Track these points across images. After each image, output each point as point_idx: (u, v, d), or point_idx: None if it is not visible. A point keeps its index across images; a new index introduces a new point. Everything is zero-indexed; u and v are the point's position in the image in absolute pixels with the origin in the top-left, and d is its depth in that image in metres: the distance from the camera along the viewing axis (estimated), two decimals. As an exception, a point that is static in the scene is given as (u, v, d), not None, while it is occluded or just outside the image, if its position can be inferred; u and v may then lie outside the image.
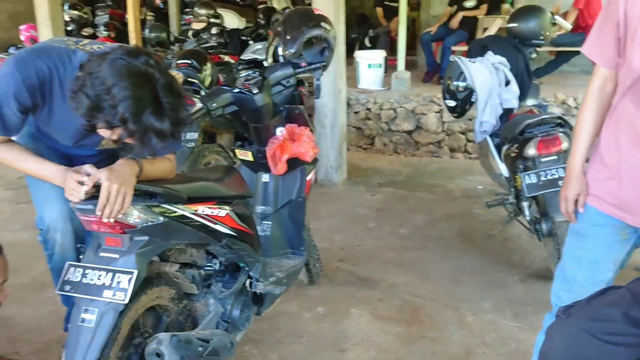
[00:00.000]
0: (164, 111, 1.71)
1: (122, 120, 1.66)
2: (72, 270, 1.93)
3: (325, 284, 3.44)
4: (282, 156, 2.80)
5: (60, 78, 1.89)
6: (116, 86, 1.64)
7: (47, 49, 1.93)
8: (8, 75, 1.85)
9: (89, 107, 1.66)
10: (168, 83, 1.72)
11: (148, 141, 1.73)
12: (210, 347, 2.14)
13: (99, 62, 1.68)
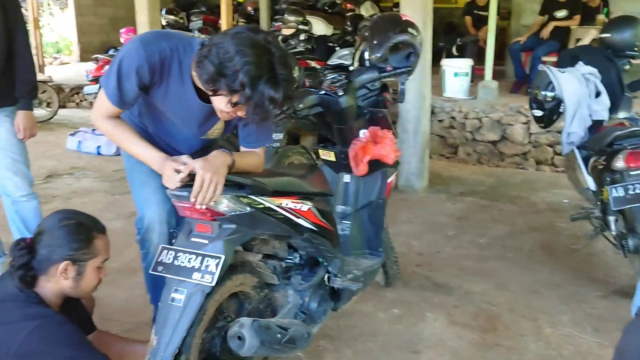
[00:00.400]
0: (279, 81, 1.84)
1: (241, 84, 1.80)
2: (165, 253, 2.08)
3: (401, 287, 3.47)
4: (364, 157, 2.86)
5: (179, 59, 2.03)
6: (239, 53, 1.79)
7: (170, 33, 2.09)
8: (133, 52, 2.00)
9: (213, 73, 1.82)
10: (283, 57, 1.86)
11: (262, 107, 1.85)
12: (288, 336, 2.22)
13: (222, 35, 1.85)
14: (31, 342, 1.78)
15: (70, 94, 10.11)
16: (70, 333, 1.88)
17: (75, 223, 2.01)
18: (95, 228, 2.07)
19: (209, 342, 2.22)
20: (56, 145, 7.12)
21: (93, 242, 2.02)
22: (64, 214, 2.07)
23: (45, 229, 2.01)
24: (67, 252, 1.96)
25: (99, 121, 2.14)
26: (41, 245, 1.97)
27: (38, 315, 1.86)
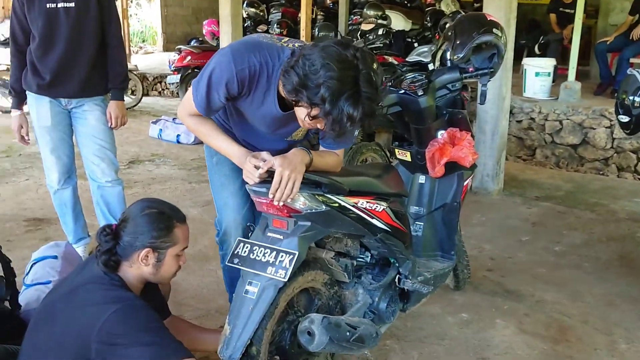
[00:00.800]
0: (360, 99, 1.84)
1: (322, 99, 1.81)
2: (241, 245, 2.14)
3: (470, 291, 3.42)
4: (441, 159, 2.84)
5: (268, 73, 2.06)
6: (324, 67, 1.80)
7: (260, 44, 2.09)
8: (224, 65, 2.04)
9: (297, 83, 1.84)
10: (369, 75, 1.85)
11: (339, 123, 1.86)
12: (357, 334, 2.24)
13: (312, 47, 1.87)
14: (111, 325, 1.85)
15: (153, 83, 10.48)
16: (149, 318, 1.93)
17: (157, 212, 2.08)
18: (176, 217, 2.13)
19: (280, 335, 2.27)
20: (139, 132, 7.41)
21: (173, 231, 2.08)
22: (147, 203, 2.13)
23: (129, 216, 2.09)
24: (148, 240, 2.03)
25: (185, 117, 2.22)
26: (125, 232, 2.05)
27: (120, 299, 1.93)
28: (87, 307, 1.90)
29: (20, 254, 3.66)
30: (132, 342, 1.84)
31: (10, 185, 5.23)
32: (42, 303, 2.12)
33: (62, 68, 3.25)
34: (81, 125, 3.41)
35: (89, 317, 1.87)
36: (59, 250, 3.05)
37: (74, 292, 1.98)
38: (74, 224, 3.66)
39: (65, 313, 1.93)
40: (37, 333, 1.99)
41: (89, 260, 2.19)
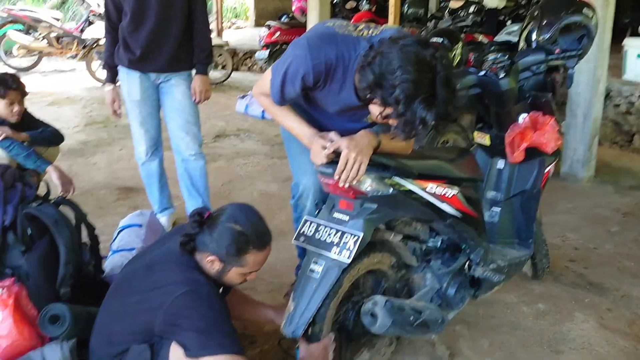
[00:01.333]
0: (434, 102, 1.82)
1: (396, 100, 1.80)
2: (307, 225, 2.16)
3: (549, 282, 3.30)
4: (521, 144, 2.73)
5: (344, 65, 2.04)
6: (401, 68, 1.78)
7: (335, 37, 2.06)
8: (300, 58, 2.04)
9: (371, 82, 1.84)
10: (447, 77, 1.83)
11: (411, 126, 1.85)
12: (421, 319, 2.22)
13: (390, 45, 1.83)
14: (177, 306, 1.87)
15: (243, 58, 10.69)
16: (212, 307, 1.92)
17: (239, 231, 1.99)
18: (255, 243, 2.03)
19: (343, 314, 2.30)
20: (226, 107, 7.60)
21: (244, 256, 2.02)
22: (239, 215, 2.04)
23: (221, 216, 2.03)
24: (219, 251, 1.99)
25: (259, 96, 2.27)
26: (208, 228, 2.01)
27: (191, 282, 1.94)
28: (161, 284, 1.96)
29: (110, 221, 3.88)
30: (189, 327, 1.87)
31: (105, 155, 5.53)
32: (123, 271, 2.23)
33: (152, 43, 3.39)
34: (168, 99, 3.55)
35: (160, 294, 1.93)
36: (143, 219, 3.21)
37: (152, 267, 2.04)
38: (159, 194, 3.84)
39: (142, 285, 2.00)
40: (114, 299, 2.09)
41: (171, 235, 2.24)
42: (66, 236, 2.20)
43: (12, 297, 2.07)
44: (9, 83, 3.45)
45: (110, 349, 2.00)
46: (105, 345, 2.02)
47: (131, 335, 1.98)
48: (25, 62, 9.86)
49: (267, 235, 2.08)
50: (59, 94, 8.11)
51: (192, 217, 2.04)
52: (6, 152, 3.36)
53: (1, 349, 2.02)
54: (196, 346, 1.86)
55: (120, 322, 2.00)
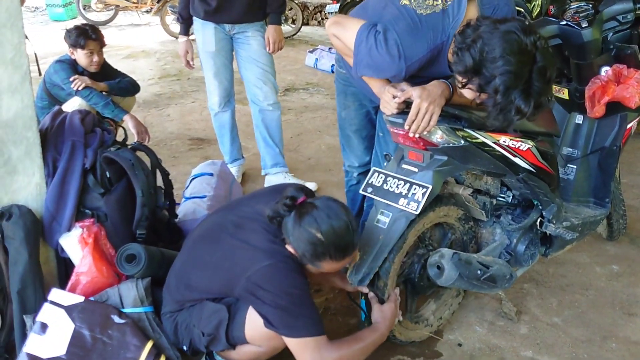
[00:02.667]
0: (531, 94, 1.78)
1: (494, 90, 1.77)
2: (375, 175, 2.15)
3: (625, 243, 3.18)
4: (602, 98, 2.61)
5: (438, 50, 1.98)
6: (503, 58, 1.74)
7: (421, 23, 1.96)
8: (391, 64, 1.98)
9: (470, 67, 1.78)
10: (545, 67, 1.78)
11: (506, 114, 1.81)
12: (489, 273, 2.19)
13: (492, 28, 1.77)
14: (260, 277, 1.85)
15: (313, 12, 10.58)
16: (295, 283, 1.87)
17: (319, 239, 1.84)
18: (333, 256, 1.88)
19: (409, 267, 2.30)
20: (296, 61, 7.58)
21: (319, 262, 1.90)
22: (325, 222, 1.85)
23: (309, 214, 1.86)
24: (298, 248, 1.88)
25: (333, 37, 2.15)
26: (297, 215, 1.87)
27: (276, 254, 1.88)
28: (247, 248, 1.92)
29: (183, 170, 4.00)
30: (269, 301, 1.85)
31: (178, 107, 5.65)
32: (211, 220, 2.16)
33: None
34: (244, 50, 3.58)
35: (245, 258, 1.90)
36: (215, 168, 3.29)
37: (241, 226, 2.00)
38: (230, 145, 3.91)
39: (229, 242, 1.97)
40: (200, 247, 2.07)
41: (263, 195, 2.15)
42: (142, 180, 2.27)
43: (91, 237, 2.17)
44: (88, 33, 3.55)
45: (186, 291, 2.05)
46: (182, 287, 2.07)
47: (209, 287, 2.01)
48: (103, 16, 10.13)
49: (349, 248, 1.90)
50: (135, 47, 8.30)
51: (285, 198, 1.91)
52: (85, 101, 3.49)
53: (81, 284, 2.13)
54: (279, 324, 1.85)
55: (203, 272, 2.01)
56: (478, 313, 2.61)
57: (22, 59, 2.03)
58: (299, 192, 1.94)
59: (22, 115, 2.07)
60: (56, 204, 2.17)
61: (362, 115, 2.63)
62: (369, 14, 2.13)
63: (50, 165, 2.21)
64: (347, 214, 1.89)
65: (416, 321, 2.41)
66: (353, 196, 2.86)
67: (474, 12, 1.97)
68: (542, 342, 2.44)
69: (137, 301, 2.11)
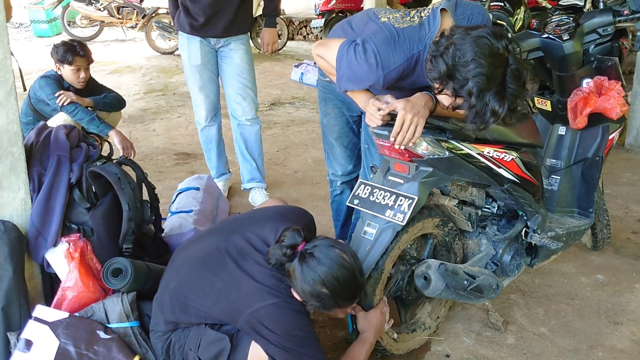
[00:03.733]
0: (506, 95, 1.82)
1: (468, 92, 1.80)
2: (362, 187, 2.17)
3: (610, 253, 3.21)
4: (584, 109, 2.65)
5: (415, 60, 2.03)
6: (474, 62, 1.78)
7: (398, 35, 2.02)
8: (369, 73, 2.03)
9: (443, 73, 1.83)
10: (518, 70, 1.83)
11: (482, 117, 1.85)
12: (475, 284, 2.21)
13: (464, 35, 1.82)
14: (264, 316, 1.84)
15: (299, 27, 10.65)
16: (299, 324, 1.88)
17: (325, 294, 1.84)
18: (341, 304, 1.91)
19: (396, 279, 2.31)
20: (281, 76, 7.62)
21: (326, 310, 1.93)
22: (329, 276, 1.83)
23: (317, 258, 1.84)
24: (306, 299, 1.87)
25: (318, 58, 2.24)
26: (299, 263, 1.85)
27: (282, 293, 1.87)
28: (252, 283, 1.89)
29: (168, 184, 3.99)
30: (274, 341, 1.85)
31: (164, 122, 5.65)
32: (211, 242, 2.07)
33: (215, 8, 3.43)
34: (227, 63, 3.60)
35: (250, 294, 1.88)
36: (201, 182, 3.29)
37: (246, 256, 1.96)
38: (217, 159, 3.91)
39: (234, 273, 1.93)
40: (200, 273, 2.00)
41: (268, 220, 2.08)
42: (129, 193, 2.27)
43: (78, 251, 2.16)
44: (76, 49, 3.55)
45: (181, 314, 2.01)
46: (177, 309, 2.02)
47: (209, 314, 1.97)
48: (88, 32, 10.13)
49: (357, 294, 1.92)
50: (120, 63, 8.31)
51: (286, 247, 1.88)
52: (71, 117, 3.47)
53: (68, 299, 2.11)
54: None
55: (203, 299, 1.97)
56: (465, 324, 2.62)
57: (7, 74, 2.02)
58: (297, 237, 1.91)
59: (7, 130, 2.06)
60: (42, 219, 2.16)
61: (342, 122, 2.65)
62: (353, 32, 2.20)
63: (36, 181, 2.20)
64: (350, 258, 1.87)
65: (413, 329, 2.43)
66: (337, 207, 2.88)
67: (449, 23, 2.02)
68: (529, 352, 2.45)
69: (123, 316, 2.10)
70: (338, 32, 2.31)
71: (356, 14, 2.44)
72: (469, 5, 2.10)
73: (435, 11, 2.06)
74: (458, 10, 2.06)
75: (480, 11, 2.11)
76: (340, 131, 2.68)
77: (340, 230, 2.92)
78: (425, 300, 2.48)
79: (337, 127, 2.67)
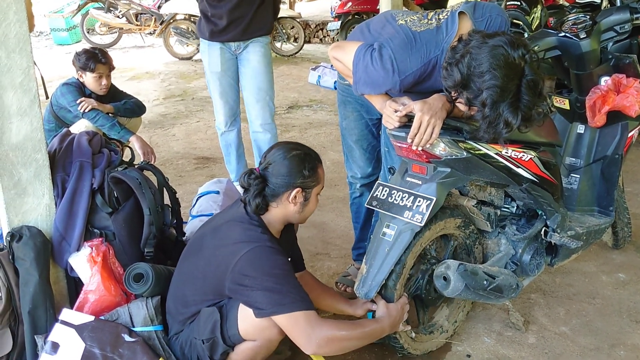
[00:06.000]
0: (520, 106, 1.83)
1: (482, 103, 1.82)
2: (380, 189, 2.18)
3: (631, 251, 3.18)
4: (602, 107, 2.64)
5: (432, 65, 2.05)
6: (489, 73, 1.79)
7: (415, 39, 2.04)
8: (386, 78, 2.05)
9: (457, 82, 1.84)
10: (533, 81, 1.83)
11: (495, 127, 1.86)
12: (495, 284, 2.21)
13: (480, 43, 1.82)
14: (243, 265, 1.92)
15: (315, 30, 10.69)
16: (277, 263, 1.95)
17: (303, 153, 2.09)
18: (318, 158, 2.15)
19: (416, 278, 2.31)
20: (299, 79, 7.65)
21: (317, 171, 2.13)
22: (289, 146, 2.13)
23: (274, 160, 2.08)
24: (300, 179, 2.05)
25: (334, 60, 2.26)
26: (273, 174, 2.06)
27: (254, 239, 1.98)
28: (226, 244, 2.00)
29: (189, 188, 4.04)
30: (257, 285, 1.91)
31: (183, 126, 5.71)
32: (195, 234, 2.29)
33: (236, 12, 3.47)
34: (244, 66, 3.63)
35: (226, 254, 1.97)
36: (221, 186, 3.32)
37: (218, 228, 2.10)
38: (236, 163, 3.94)
39: (210, 247, 2.06)
40: (186, 262, 2.16)
41: (237, 200, 2.28)
42: (150, 198, 2.30)
43: (100, 255, 2.19)
44: (98, 57, 3.61)
45: (185, 309, 2.09)
46: (180, 306, 2.10)
47: (203, 296, 2.05)
48: (107, 39, 10.26)
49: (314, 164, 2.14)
50: (139, 69, 8.40)
51: (249, 177, 2.07)
52: (92, 123, 3.53)
53: (89, 302, 2.15)
54: (269, 304, 1.90)
55: (193, 284, 2.07)
56: (486, 324, 2.61)
57: (31, 82, 2.07)
58: (250, 170, 2.12)
59: (31, 137, 2.10)
60: (65, 224, 2.20)
61: (361, 125, 2.66)
62: (371, 35, 2.21)
63: (59, 186, 2.24)
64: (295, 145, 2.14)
65: (430, 331, 2.43)
66: (357, 209, 2.89)
67: (467, 26, 2.02)
68: (551, 351, 2.44)
69: (147, 320, 2.13)
70: (357, 34, 2.33)
71: (374, 16, 2.45)
72: (487, 8, 2.10)
73: (454, 14, 2.06)
74: (476, 13, 2.06)
75: (498, 13, 2.11)
76: (359, 134, 2.69)
77: (360, 232, 2.92)
78: (444, 304, 2.48)
79: (357, 130, 2.68)
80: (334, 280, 2.97)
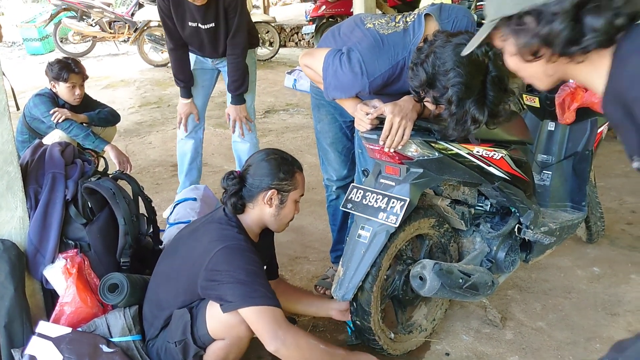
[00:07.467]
0: (486, 102, 1.86)
1: (448, 101, 1.84)
2: (354, 191, 2.19)
3: (605, 245, 3.24)
4: (571, 104, 2.68)
5: (400, 67, 2.08)
6: (453, 71, 1.81)
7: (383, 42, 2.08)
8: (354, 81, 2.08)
9: (423, 82, 1.87)
10: (498, 77, 1.85)
11: (464, 125, 1.89)
12: (470, 282, 2.23)
13: (444, 42, 1.85)
14: (216, 261, 1.95)
15: (290, 34, 10.71)
16: (250, 260, 1.98)
17: (280, 157, 2.15)
18: (296, 164, 2.20)
19: (393, 279, 2.33)
20: (275, 83, 7.66)
21: (294, 176, 2.15)
22: (269, 150, 2.20)
23: (253, 162, 2.16)
24: (274, 181, 2.10)
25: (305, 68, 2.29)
26: (250, 175, 2.13)
27: (229, 238, 2.02)
28: (202, 243, 2.04)
29: (166, 196, 4.02)
30: (227, 279, 1.93)
31: (160, 134, 5.69)
32: (173, 238, 2.32)
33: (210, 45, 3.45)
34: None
35: (201, 252, 2.01)
36: (198, 193, 3.31)
37: (196, 230, 2.15)
38: None
39: (186, 247, 2.10)
40: (162, 265, 2.19)
41: (219, 207, 2.31)
42: (124, 208, 2.29)
43: (75, 267, 2.18)
44: (71, 67, 3.58)
45: (159, 312, 2.10)
46: (155, 309, 2.12)
47: (176, 297, 2.06)
48: (80, 47, 10.18)
49: (297, 160, 2.22)
50: (114, 77, 8.35)
51: (227, 178, 2.14)
52: (66, 133, 3.50)
53: (65, 314, 2.14)
54: (237, 297, 1.91)
55: (168, 286, 2.09)
56: (464, 322, 2.64)
57: (0, 94, 2.05)
58: (231, 172, 2.17)
59: (2, 150, 2.08)
60: (39, 237, 2.19)
61: (335, 128, 2.68)
62: (341, 39, 2.24)
63: (32, 198, 2.23)
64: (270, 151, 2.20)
65: (409, 330, 2.45)
66: (334, 211, 2.91)
67: (434, 28, 2.05)
68: (528, 346, 2.47)
69: (126, 330, 2.13)
70: (328, 38, 2.35)
71: (344, 20, 2.48)
72: (453, 10, 2.14)
73: (420, 16, 2.10)
74: (442, 15, 2.10)
75: (464, 14, 2.14)
76: (334, 137, 2.71)
77: (337, 234, 2.94)
78: (422, 303, 2.50)
79: (331, 133, 2.70)
80: (313, 283, 2.98)
